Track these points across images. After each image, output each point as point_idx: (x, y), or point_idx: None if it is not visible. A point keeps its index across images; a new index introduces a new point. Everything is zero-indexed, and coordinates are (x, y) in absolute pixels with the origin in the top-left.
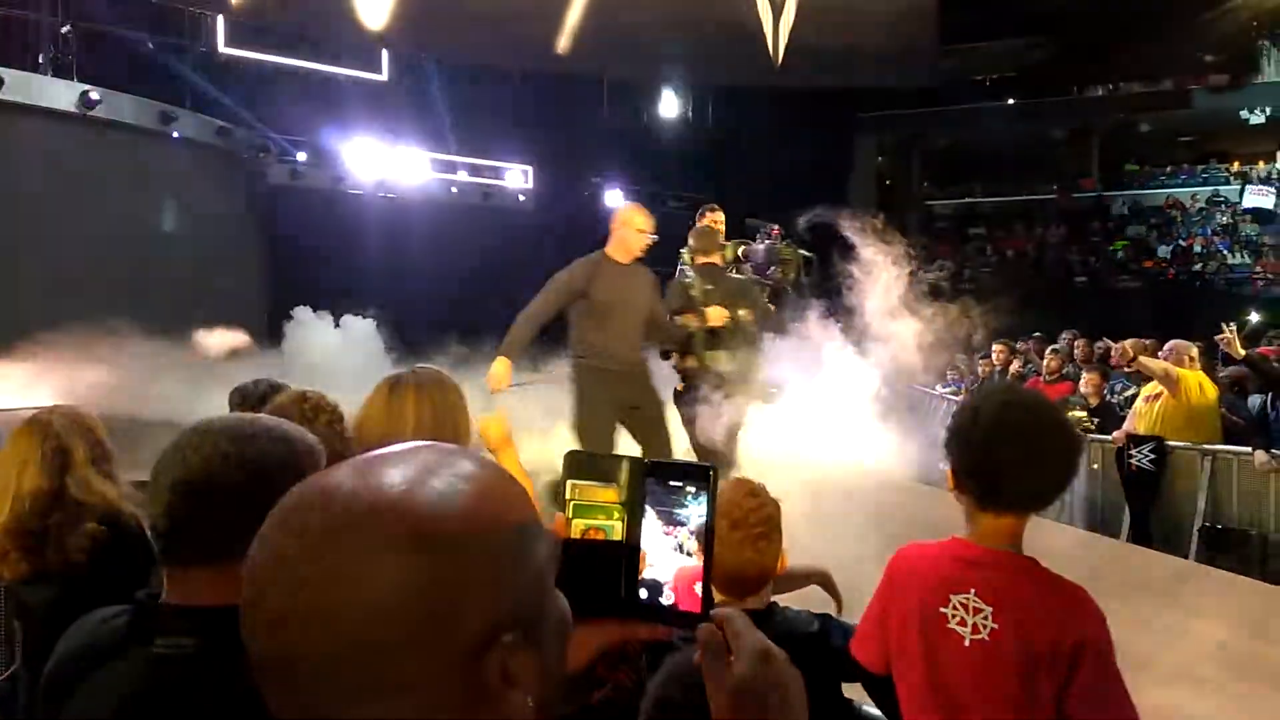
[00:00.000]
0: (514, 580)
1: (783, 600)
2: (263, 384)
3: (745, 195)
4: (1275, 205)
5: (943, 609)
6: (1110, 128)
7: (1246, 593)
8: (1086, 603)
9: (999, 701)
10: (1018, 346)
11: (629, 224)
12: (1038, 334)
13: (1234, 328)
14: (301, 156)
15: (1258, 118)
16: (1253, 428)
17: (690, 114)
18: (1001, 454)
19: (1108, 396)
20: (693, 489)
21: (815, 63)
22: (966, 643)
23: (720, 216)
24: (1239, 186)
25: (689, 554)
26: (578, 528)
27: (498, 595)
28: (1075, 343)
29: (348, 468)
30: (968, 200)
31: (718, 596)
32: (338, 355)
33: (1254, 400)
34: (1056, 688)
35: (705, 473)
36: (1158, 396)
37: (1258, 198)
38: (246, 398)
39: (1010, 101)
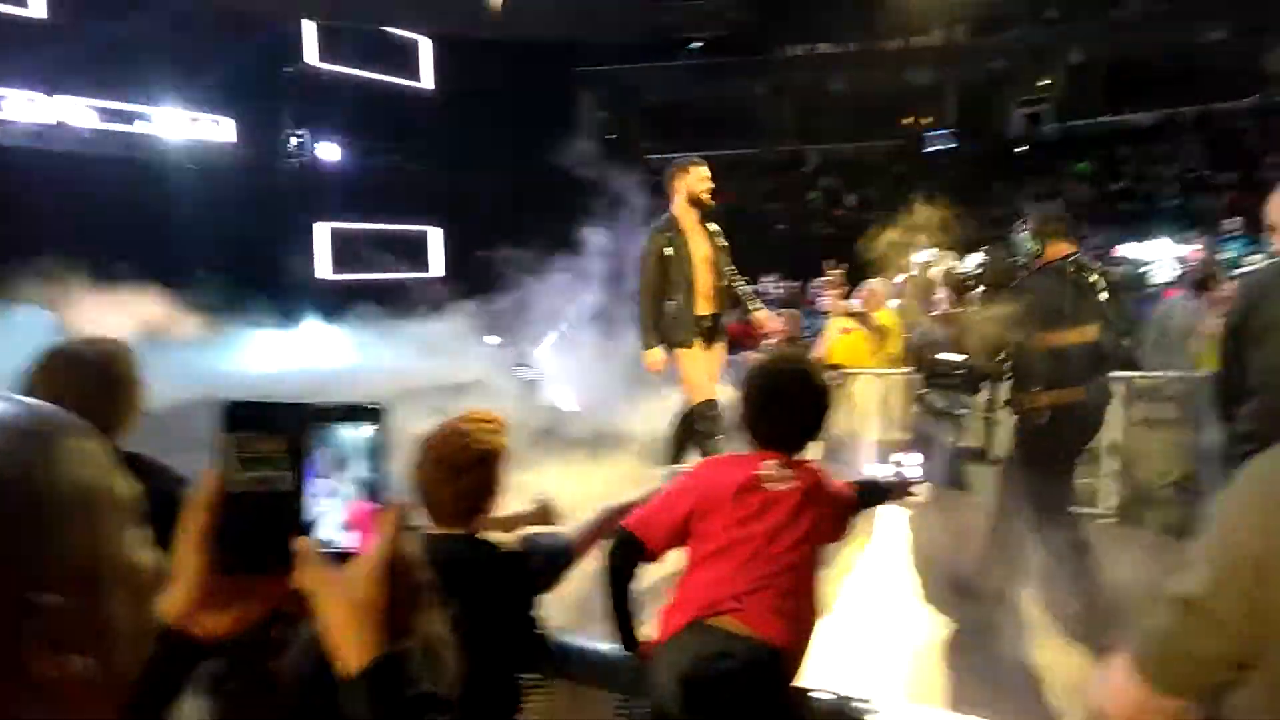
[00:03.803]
0: (51, 541)
1: None
2: None
3: (469, 149)
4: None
5: (756, 472)
6: (804, 86)
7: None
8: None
9: (803, 525)
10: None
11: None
12: (746, 279)
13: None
14: None
15: (926, 78)
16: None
17: (408, 62)
18: (767, 412)
19: (805, 334)
20: (368, 430)
21: (532, 15)
22: (778, 491)
23: (705, 172)
24: (904, 141)
25: (367, 494)
26: (242, 481)
27: (25, 559)
28: (777, 285)
29: None
30: (682, 154)
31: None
32: None
33: None
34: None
35: (374, 413)
36: (850, 330)
37: (937, 143)
38: None
39: (716, 60)
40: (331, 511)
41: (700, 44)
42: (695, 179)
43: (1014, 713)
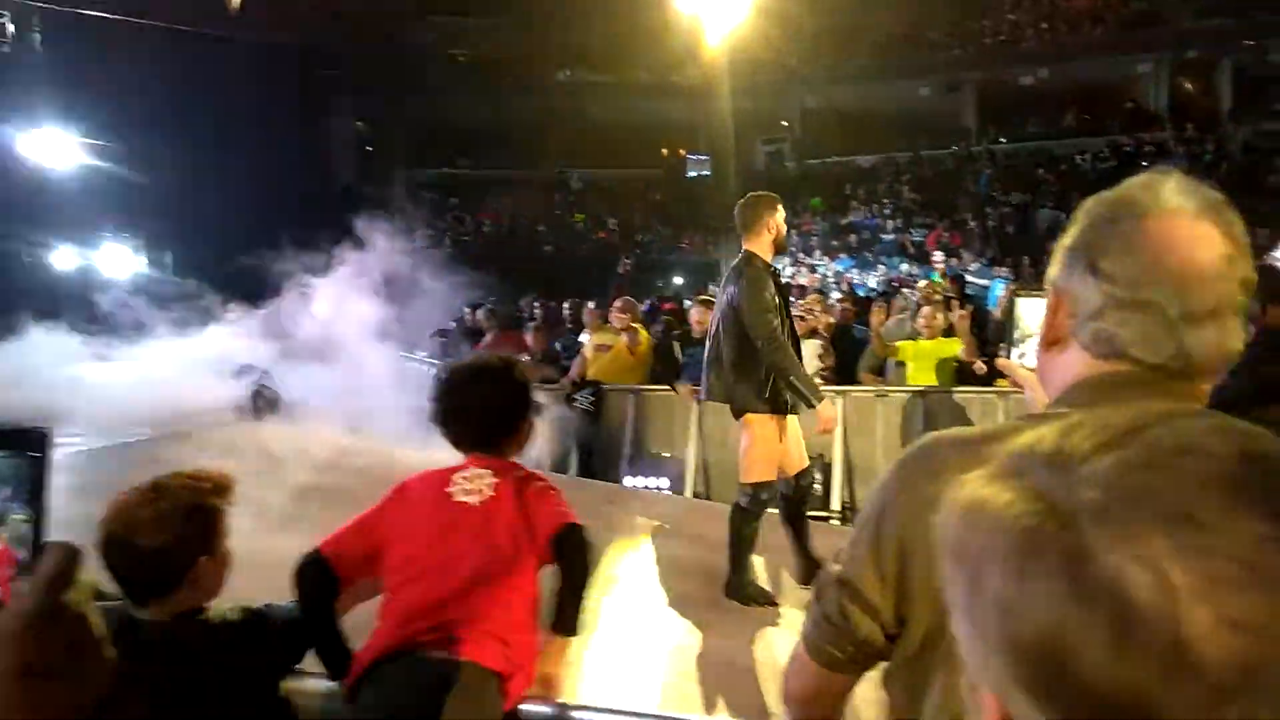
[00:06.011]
0: None
1: None
2: None
3: (192, 159)
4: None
5: (447, 489)
6: (569, 112)
7: (667, 504)
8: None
9: (498, 536)
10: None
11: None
12: (493, 299)
13: None
14: None
15: (681, 112)
16: (674, 370)
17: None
18: (451, 409)
19: (563, 354)
20: (25, 459)
21: (278, 16)
22: (469, 503)
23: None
24: (664, 169)
25: (22, 535)
26: None
27: None
28: (533, 304)
29: None
30: (447, 171)
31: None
32: None
33: None
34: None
35: (35, 439)
36: (608, 348)
37: (695, 168)
38: None
39: (483, 78)
40: None
41: (461, 60)
42: (782, 217)
43: (740, 708)
